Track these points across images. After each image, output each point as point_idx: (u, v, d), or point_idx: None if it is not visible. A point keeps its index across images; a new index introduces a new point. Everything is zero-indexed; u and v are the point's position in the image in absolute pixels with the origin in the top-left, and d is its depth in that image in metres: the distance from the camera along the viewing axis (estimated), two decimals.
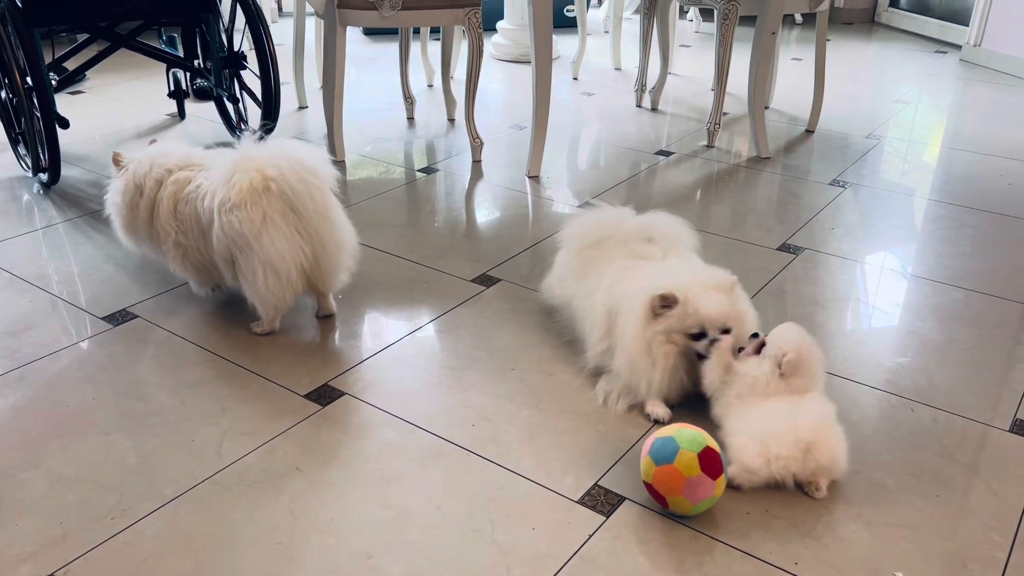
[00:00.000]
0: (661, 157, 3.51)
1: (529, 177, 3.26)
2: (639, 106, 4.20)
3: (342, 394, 1.95)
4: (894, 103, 4.32)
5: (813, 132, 3.81)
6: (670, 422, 1.83)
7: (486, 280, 2.48)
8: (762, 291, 2.41)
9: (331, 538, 1.55)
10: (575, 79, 4.71)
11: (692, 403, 1.89)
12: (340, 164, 3.36)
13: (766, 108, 4.01)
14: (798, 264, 2.58)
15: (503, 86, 4.64)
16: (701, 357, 1.83)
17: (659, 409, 1.88)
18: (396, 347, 2.14)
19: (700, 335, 1.82)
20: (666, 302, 1.81)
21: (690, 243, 2.17)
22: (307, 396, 1.94)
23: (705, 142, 3.64)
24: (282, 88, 3.28)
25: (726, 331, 1.83)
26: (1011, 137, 3.75)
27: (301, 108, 4.02)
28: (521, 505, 1.63)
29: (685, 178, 3.31)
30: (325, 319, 2.26)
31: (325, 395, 1.94)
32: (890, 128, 3.92)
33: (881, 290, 2.49)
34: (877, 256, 2.68)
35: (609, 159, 3.52)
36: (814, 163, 3.44)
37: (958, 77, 4.85)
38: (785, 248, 2.69)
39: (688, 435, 1.59)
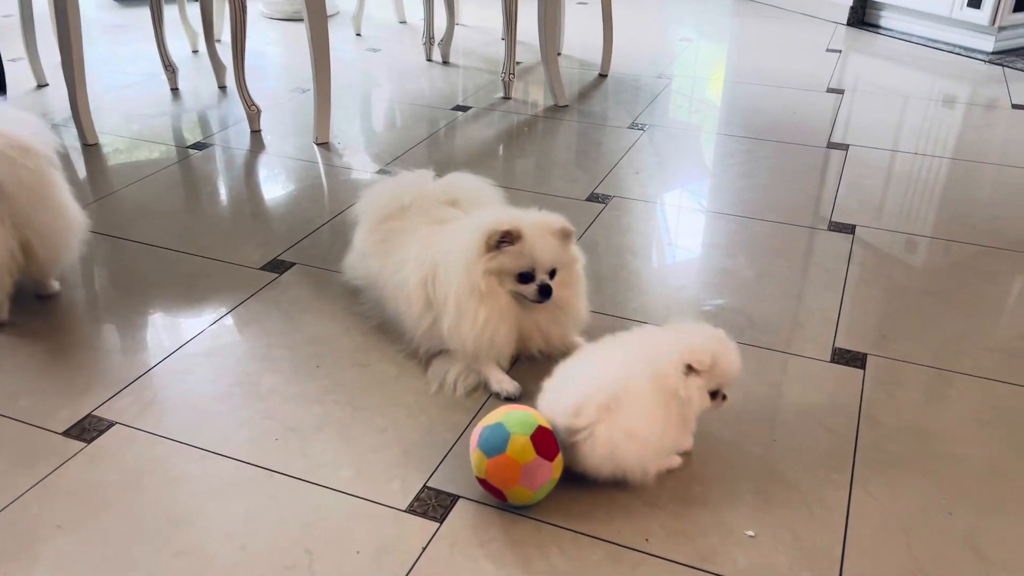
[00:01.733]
0: (459, 112, 3.32)
1: (317, 144, 2.97)
2: (429, 60, 3.97)
3: (111, 424, 1.63)
4: (679, 42, 4.38)
5: (606, 76, 3.76)
6: (520, 398, 1.68)
7: (278, 265, 2.19)
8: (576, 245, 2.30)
9: None
10: (358, 35, 4.40)
11: (537, 371, 1.74)
12: (95, 148, 2.90)
13: (558, 55, 3.92)
14: (608, 213, 2.50)
15: (279, 47, 4.25)
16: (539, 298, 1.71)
17: (506, 384, 1.72)
18: (176, 357, 1.83)
19: (528, 276, 1.68)
20: (507, 237, 1.66)
21: (496, 202, 2.01)
22: (67, 433, 1.60)
23: (501, 94, 3.49)
24: (15, 64, 2.76)
25: (552, 273, 1.70)
26: (788, 68, 3.89)
27: (41, 87, 3.45)
28: (341, 526, 1.41)
29: (485, 133, 3.15)
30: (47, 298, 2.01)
31: (90, 428, 1.61)
32: (678, 67, 3.95)
33: (691, 231, 2.46)
34: (683, 197, 2.66)
35: (405, 118, 3.29)
36: (611, 108, 3.39)
37: (734, 13, 5.00)
38: (594, 198, 2.59)
39: (517, 418, 1.43)
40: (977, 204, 2.57)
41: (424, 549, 1.36)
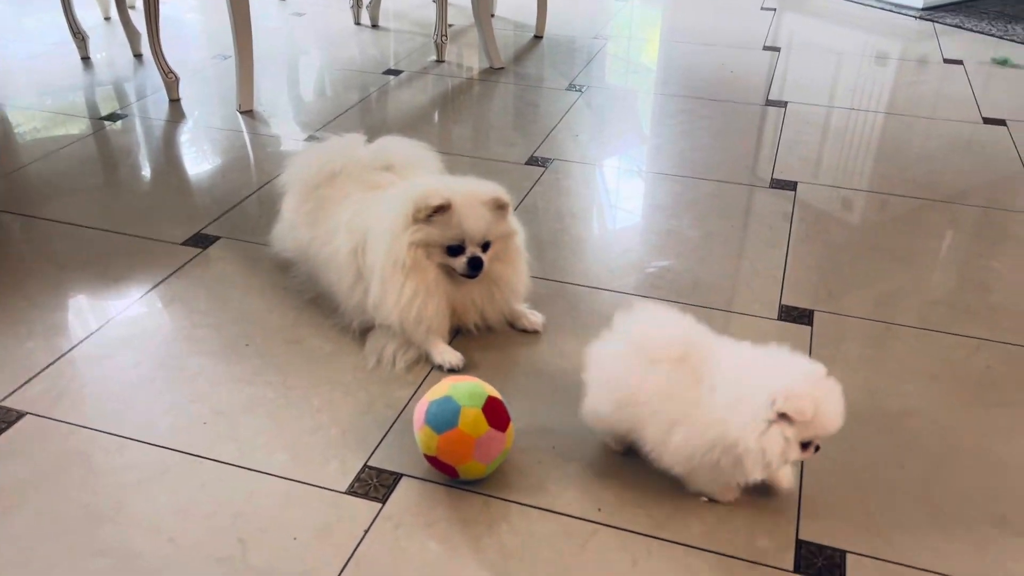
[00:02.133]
0: (390, 77, 3.19)
1: (241, 113, 2.82)
2: (358, 23, 3.82)
3: (22, 414, 1.50)
4: (614, 2, 4.30)
5: (542, 38, 3.67)
6: (464, 369, 1.61)
7: (202, 240, 2.07)
8: (517, 210, 2.23)
9: None
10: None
11: (481, 341, 1.67)
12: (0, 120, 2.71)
13: (492, 16, 3.80)
14: (548, 177, 2.43)
15: (199, 13, 4.04)
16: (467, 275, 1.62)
17: (448, 355, 1.64)
18: (93, 341, 1.71)
19: (458, 249, 1.60)
20: (436, 209, 1.56)
21: (433, 167, 1.91)
22: None
23: (434, 57, 3.37)
24: None
25: (485, 246, 1.61)
26: (724, 27, 3.85)
27: None
28: (277, 512, 1.32)
29: (419, 98, 3.04)
30: None
31: None
32: (613, 27, 3.88)
33: (634, 193, 2.41)
34: (624, 159, 2.60)
35: (335, 85, 3.15)
36: (547, 69, 3.31)
37: None
38: (533, 162, 2.52)
39: (465, 389, 1.36)
40: (913, 158, 2.58)
41: (366, 531, 1.29)
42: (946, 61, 3.41)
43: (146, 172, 2.47)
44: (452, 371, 1.62)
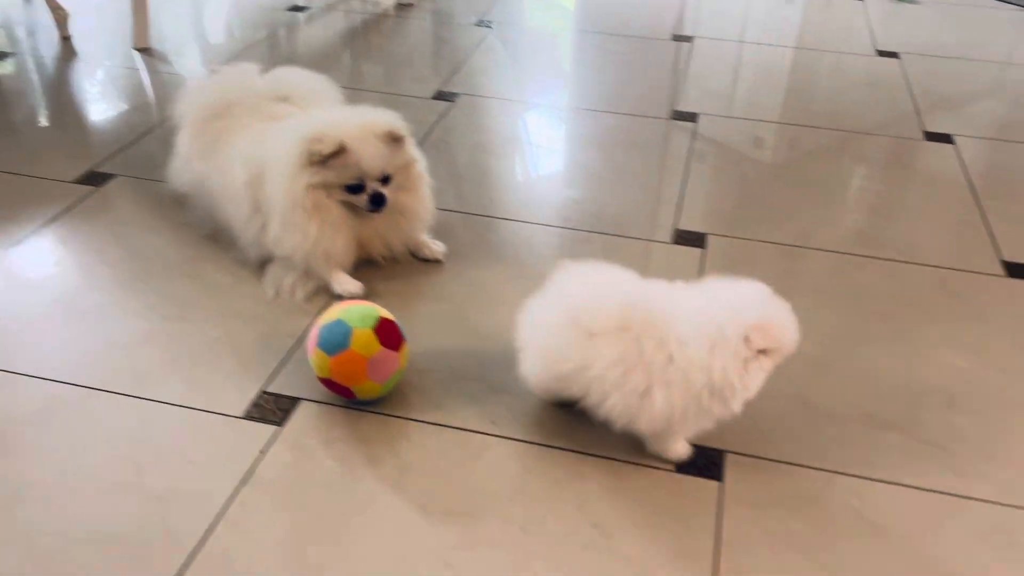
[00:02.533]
0: (296, 13, 3.11)
1: (137, 50, 2.72)
2: None
3: None
4: None
5: None
6: (366, 297, 1.62)
7: (96, 178, 2.01)
8: (423, 144, 2.23)
9: None
10: None
11: (381, 272, 1.69)
12: None
13: None
14: (457, 111, 2.42)
15: None
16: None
17: (348, 284, 1.64)
18: None
19: (358, 187, 1.60)
20: (330, 155, 1.54)
21: (334, 98, 1.89)
22: None
23: None
24: None
25: (385, 180, 1.62)
26: None
27: None
28: (172, 439, 1.33)
29: (327, 34, 2.98)
30: None
31: None
32: None
33: (543, 127, 2.43)
34: (532, 93, 2.61)
35: (237, 21, 3.06)
36: (457, 5, 3.26)
37: None
38: (441, 96, 2.51)
39: (357, 312, 1.37)
40: (807, 89, 2.65)
41: (263, 453, 1.31)
42: None
43: (36, 112, 2.37)
44: (354, 300, 1.63)
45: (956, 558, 1.18)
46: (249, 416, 1.37)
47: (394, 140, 1.62)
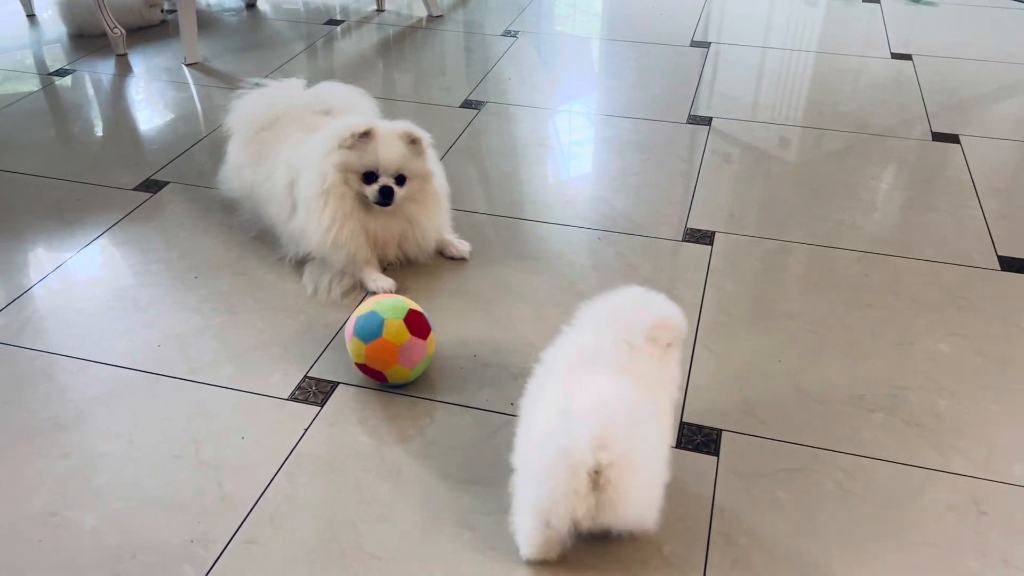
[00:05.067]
0: (333, 27, 3.29)
1: (187, 65, 2.91)
2: None
3: None
4: None
5: None
6: (396, 293, 1.77)
7: (152, 185, 2.20)
8: (451, 150, 2.38)
9: (2, 505, 1.32)
10: None
11: (411, 271, 1.84)
12: None
13: None
14: (482, 118, 2.57)
15: None
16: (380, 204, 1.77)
17: (381, 281, 1.79)
18: (51, 279, 1.84)
19: (372, 176, 1.74)
20: (359, 136, 1.71)
21: (370, 110, 2.06)
22: None
23: (375, 6, 3.47)
24: None
25: (400, 180, 1.76)
26: None
27: None
28: (226, 418, 1.49)
29: (361, 46, 3.15)
30: None
31: None
32: None
33: (561, 131, 2.56)
34: (553, 99, 2.75)
35: (278, 35, 3.24)
36: (485, 16, 3.42)
37: None
38: (468, 104, 2.66)
39: (388, 304, 1.53)
40: (819, 91, 2.75)
41: (306, 430, 1.47)
42: (864, 0, 3.57)
43: (96, 124, 2.57)
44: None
45: (929, 525, 1.30)
46: (293, 398, 1.53)
47: (411, 142, 1.76)
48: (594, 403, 1.12)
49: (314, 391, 1.55)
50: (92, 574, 1.22)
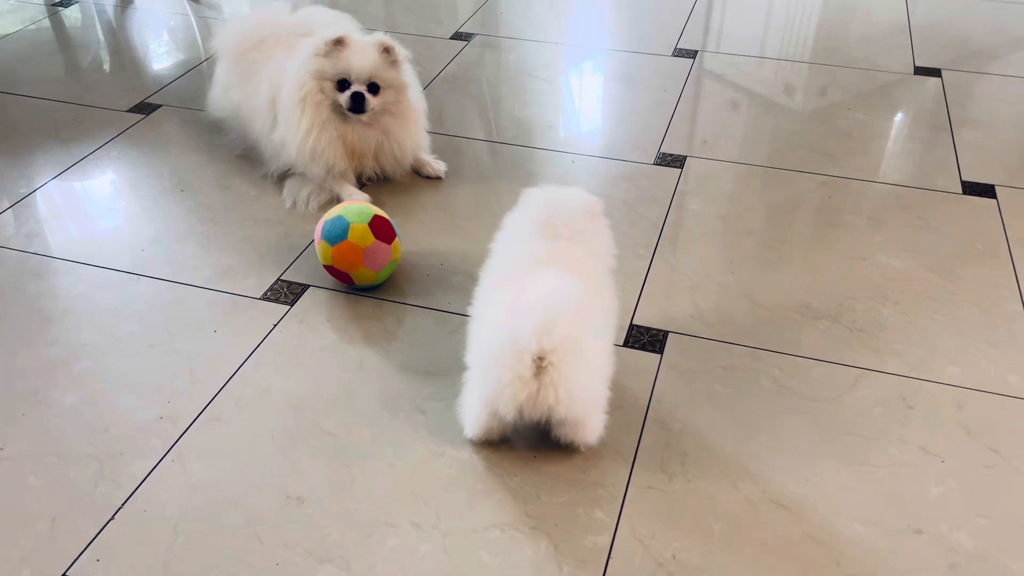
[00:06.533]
0: None
1: None
2: None
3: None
4: None
5: None
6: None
7: (145, 108, 2.27)
8: (437, 77, 2.43)
9: None
10: None
11: (387, 187, 1.91)
12: None
13: None
14: (470, 50, 2.62)
15: None
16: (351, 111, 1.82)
17: (356, 196, 1.86)
18: (43, 190, 1.93)
19: (345, 84, 1.80)
20: (333, 43, 1.77)
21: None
22: None
23: None
24: None
25: (373, 88, 1.81)
26: None
27: None
28: (201, 314, 1.58)
29: None
30: None
31: None
32: None
33: (548, 63, 2.60)
34: (544, 33, 2.78)
35: None
36: None
37: None
38: (458, 36, 2.70)
39: (355, 209, 1.60)
40: (803, 26, 2.76)
41: (275, 325, 1.55)
42: None
43: (97, 52, 2.64)
44: None
45: (856, 418, 1.37)
46: (265, 298, 1.62)
47: (384, 51, 1.80)
48: (540, 295, 1.19)
49: (285, 292, 1.64)
50: (68, 442, 1.32)
